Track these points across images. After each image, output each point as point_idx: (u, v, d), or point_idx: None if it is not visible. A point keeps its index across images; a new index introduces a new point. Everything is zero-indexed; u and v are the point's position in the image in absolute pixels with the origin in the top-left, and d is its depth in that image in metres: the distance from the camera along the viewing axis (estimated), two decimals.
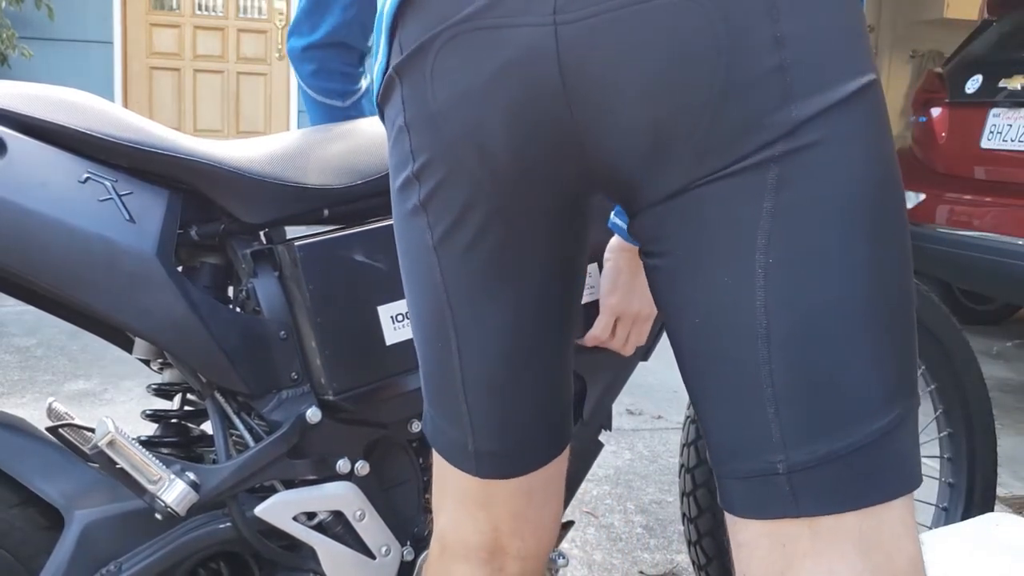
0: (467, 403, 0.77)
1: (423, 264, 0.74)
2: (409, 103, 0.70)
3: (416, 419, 1.18)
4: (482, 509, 0.82)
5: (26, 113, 0.95)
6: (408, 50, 0.68)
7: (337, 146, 1.18)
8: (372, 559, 1.11)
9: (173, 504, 0.95)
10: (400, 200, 0.75)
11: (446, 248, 0.72)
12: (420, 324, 0.78)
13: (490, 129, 0.66)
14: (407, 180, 0.72)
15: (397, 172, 0.74)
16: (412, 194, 0.72)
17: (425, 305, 0.76)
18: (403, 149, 0.72)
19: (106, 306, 0.94)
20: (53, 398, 1.13)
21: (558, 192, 0.71)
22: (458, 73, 0.66)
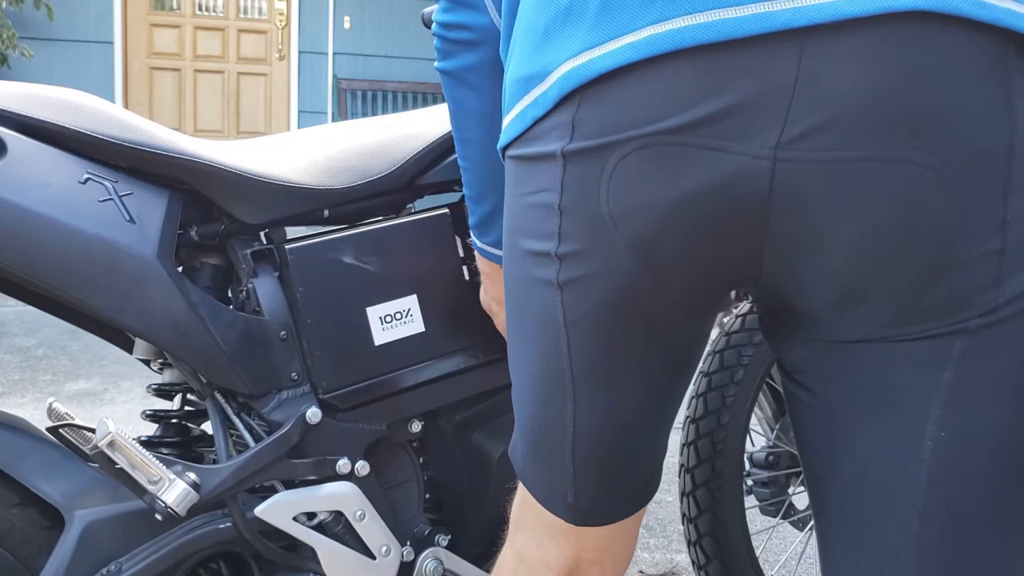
0: (574, 465, 0.76)
1: (548, 334, 0.72)
2: (571, 190, 0.65)
3: (416, 419, 1.18)
4: (569, 541, 0.82)
5: (26, 114, 0.95)
6: (586, 141, 0.63)
7: (337, 147, 1.18)
8: (372, 559, 1.11)
9: (173, 504, 0.95)
10: (527, 263, 0.71)
11: (579, 330, 0.69)
12: (533, 383, 0.76)
13: (665, 246, 0.63)
14: (545, 254, 0.69)
15: (527, 237, 0.70)
16: (548, 268, 0.69)
17: (543, 368, 0.74)
18: (545, 225, 0.68)
19: (106, 306, 0.94)
20: (53, 398, 1.13)
21: (709, 298, 0.69)
22: (645, 185, 0.61)
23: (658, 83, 0.59)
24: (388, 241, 1.12)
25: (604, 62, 0.60)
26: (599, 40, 0.61)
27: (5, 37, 5.32)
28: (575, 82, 0.62)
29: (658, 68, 0.59)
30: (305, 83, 6.79)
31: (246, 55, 6.74)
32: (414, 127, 1.22)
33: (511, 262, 0.74)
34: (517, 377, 0.79)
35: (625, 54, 0.59)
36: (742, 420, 1.61)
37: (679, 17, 0.57)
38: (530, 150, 0.68)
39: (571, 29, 0.63)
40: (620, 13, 0.60)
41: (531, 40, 0.67)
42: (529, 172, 0.68)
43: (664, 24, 0.58)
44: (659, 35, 0.58)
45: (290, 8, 6.68)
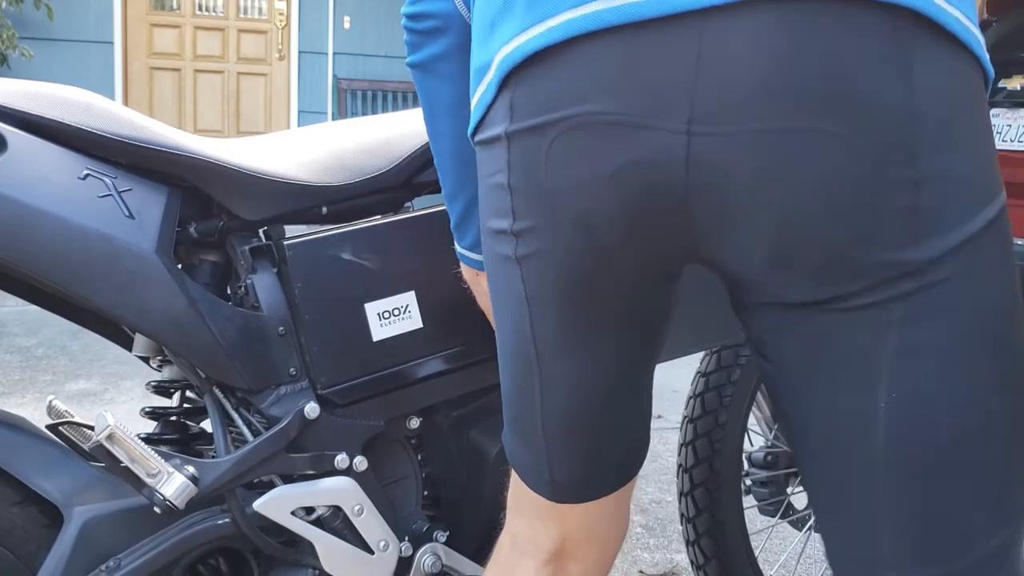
0: (545, 439, 0.79)
1: (515, 309, 0.75)
2: (516, 169, 0.69)
3: (414, 416, 1.18)
4: (555, 522, 0.85)
5: (26, 110, 0.95)
6: (523, 122, 0.67)
7: (336, 144, 1.19)
8: (370, 554, 1.11)
9: (172, 497, 0.96)
10: (493, 242, 0.75)
11: (537, 302, 0.73)
12: (506, 359, 0.80)
13: (602, 217, 0.66)
14: (503, 231, 0.72)
15: (491, 216, 0.74)
16: (507, 245, 0.73)
17: (512, 344, 0.78)
18: (502, 204, 0.71)
19: (106, 302, 0.95)
20: (53, 396, 1.13)
21: (658, 269, 0.71)
22: (577, 161, 0.65)
23: (580, 64, 0.63)
24: (386, 238, 1.12)
25: (529, 45, 0.65)
26: (527, 25, 0.65)
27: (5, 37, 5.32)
28: (508, 66, 0.66)
29: (578, 50, 0.62)
30: (305, 83, 6.79)
31: (246, 55, 6.74)
32: (412, 125, 1.22)
33: (484, 243, 0.78)
34: (500, 358, 0.82)
35: (546, 36, 0.63)
36: (740, 420, 1.61)
37: (594, 2, 0.61)
38: (485, 134, 0.72)
39: (508, 19, 0.67)
40: (545, 1, 0.64)
41: (481, 32, 0.71)
42: (486, 155, 0.72)
43: (580, 8, 0.62)
44: (575, 18, 0.62)
45: (290, 8, 6.68)
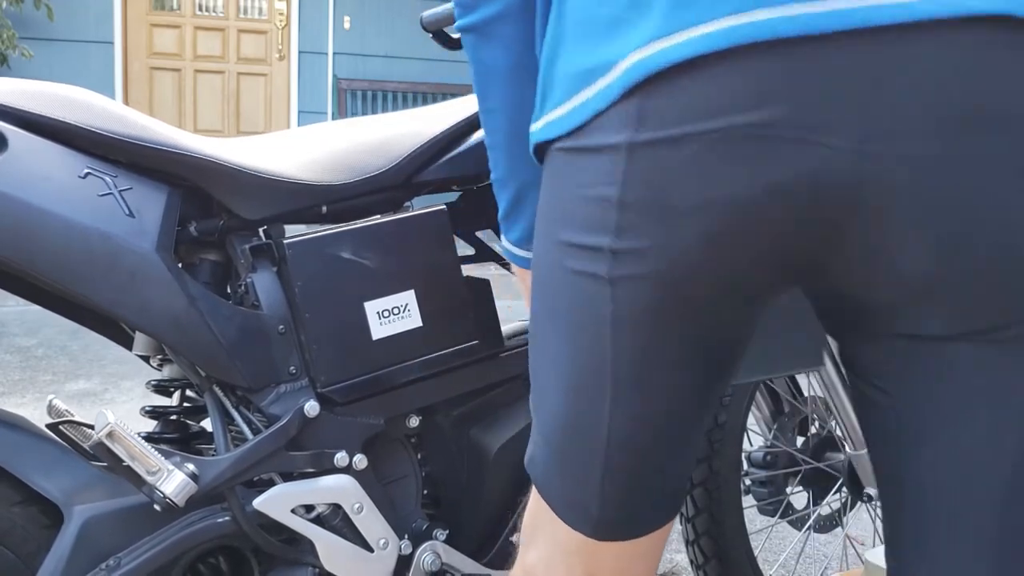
0: (604, 469, 0.73)
1: (588, 331, 0.69)
2: (635, 184, 0.62)
3: (414, 414, 1.18)
4: (585, 561, 0.78)
5: (27, 109, 0.95)
6: (655, 133, 0.61)
7: (336, 144, 1.19)
8: (370, 552, 1.11)
9: (172, 495, 0.96)
10: (567, 256, 0.69)
11: (627, 327, 0.67)
12: (564, 383, 0.73)
13: (740, 241, 0.61)
14: (594, 248, 0.66)
15: (575, 230, 0.68)
16: (595, 262, 0.66)
17: (575, 369, 0.71)
18: (599, 219, 0.65)
19: (106, 300, 0.95)
20: (53, 396, 1.14)
21: (771, 293, 0.68)
22: (724, 178, 0.59)
23: (738, 73, 0.58)
24: (386, 237, 1.12)
25: (678, 52, 0.59)
26: (672, 29, 0.59)
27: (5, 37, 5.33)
28: (644, 72, 0.60)
29: (735, 58, 0.57)
30: (305, 83, 6.80)
31: (246, 55, 6.75)
32: (412, 124, 1.23)
33: (546, 255, 0.72)
34: (543, 378, 0.75)
35: (701, 43, 0.58)
36: (740, 420, 1.61)
37: (761, 9, 0.57)
38: (584, 142, 0.65)
39: (639, 19, 0.61)
40: (695, 2, 0.59)
41: (591, 33, 0.65)
42: (581, 164, 0.66)
43: (744, 15, 0.57)
44: (739, 26, 0.57)
45: (290, 8, 6.69)
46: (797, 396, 1.71)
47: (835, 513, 1.74)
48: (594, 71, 0.64)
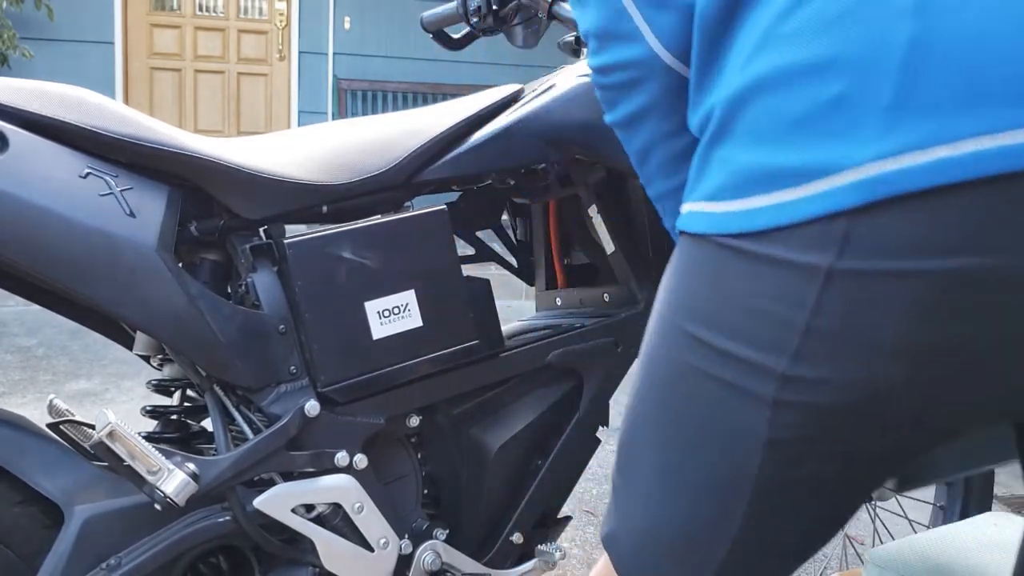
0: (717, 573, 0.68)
1: (733, 448, 0.63)
2: (830, 312, 0.56)
3: (414, 414, 1.19)
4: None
5: (28, 109, 0.96)
6: (867, 262, 0.53)
7: (336, 144, 1.19)
8: (370, 552, 1.12)
9: (172, 494, 0.96)
10: (720, 363, 0.62)
11: (784, 452, 0.61)
12: (687, 490, 0.67)
13: (939, 385, 0.55)
14: (762, 367, 0.60)
15: (737, 341, 0.61)
16: (760, 381, 0.60)
17: (710, 476, 0.65)
18: (777, 338, 0.58)
19: (107, 300, 0.95)
20: (54, 396, 1.14)
21: (954, 433, 0.62)
22: (938, 324, 0.53)
23: (983, 207, 0.49)
24: (386, 236, 1.12)
25: (911, 180, 0.51)
26: (898, 148, 0.51)
27: (5, 37, 5.33)
28: (863, 198, 0.52)
29: (984, 189, 0.49)
30: (305, 83, 6.80)
31: (246, 55, 6.75)
32: (413, 124, 1.23)
33: (675, 347, 0.66)
34: (646, 468, 0.70)
35: (943, 172, 0.50)
36: None
37: (1017, 130, 0.48)
38: (764, 250, 0.58)
39: (847, 126, 0.53)
40: (928, 115, 0.50)
41: (776, 125, 0.57)
42: (756, 272, 0.59)
43: (998, 137, 0.49)
44: (991, 151, 0.48)
45: (290, 8, 6.69)
46: None
47: None
48: (785, 174, 0.56)
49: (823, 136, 0.54)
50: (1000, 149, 0.49)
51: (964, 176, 0.49)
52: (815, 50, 0.55)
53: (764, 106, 0.58)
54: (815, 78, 0.55)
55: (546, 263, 1.49)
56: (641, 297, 1.33)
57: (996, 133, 0.49)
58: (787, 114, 0.56)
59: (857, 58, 0.53)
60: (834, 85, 0.54)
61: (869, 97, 0.52)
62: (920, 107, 0.51)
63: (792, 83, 0.56)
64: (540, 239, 1.49)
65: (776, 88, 0.57)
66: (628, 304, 1.35)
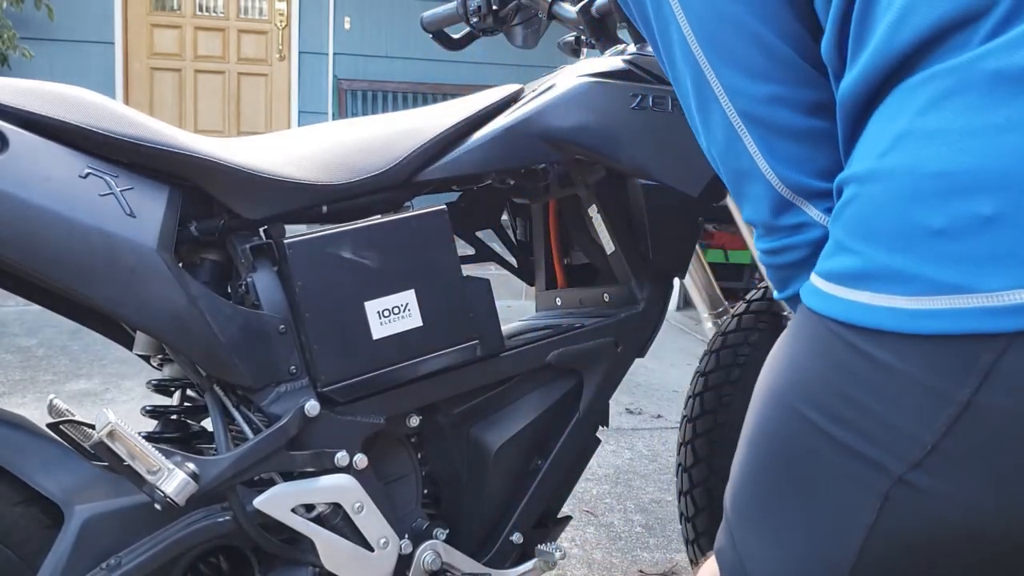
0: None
1: (839, 526, 0.63)
2: (960, 440, 0.54)
3: (414, 414, 1.19)
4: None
5: (27, 109, 0.96)
6: (1011, 397, 0.52)
7: (336, 144, 1.19)
8: (370, 551, 1.12)
9: (172, 494, 0.96)
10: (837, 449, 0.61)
11: (886, 541, 0.61)
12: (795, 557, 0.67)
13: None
14: (880, 464, 0.58)
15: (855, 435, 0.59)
16: (876, 476, 0.59)
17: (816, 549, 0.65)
18: (900, 448, 0.57)
19: (107, 300, 0.95)
20: (54, 396, 1.14)
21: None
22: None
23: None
24: (386, 236, 1.12)
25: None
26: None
27: (5, 37, 5.33)
28: (1002, 327, 0.50)
29: None
30: (305, 83, 6.80)
31: (246, 55, 6.75)
32: (413, 124, 1.23)
33: (799, 431, 0.64)
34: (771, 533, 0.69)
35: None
36: (739, 419, 1.62)
37: None
38: (889, 359, 0.56)
39: (998, 248, 0.50)
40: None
41: (901, 234, 0.54)
42: (879, 377, 0.57)
43: None
44: None
45: (290, 8, 6.69)
46: None
47: None
48: (913, 282, 0.54)
49: (968, 256, 0.51)
50: None
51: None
52: (963, 158, 0.52)
53: (892, 201, 0.55)
54: (962, 191, 0.51)
55: (546, 263, 1.49)
56: (641, 297, 1.33)
57: None
58: (925, 223, 0.53)
59: (1016, 175, 0.50)
60: (986, 203, 0.50)
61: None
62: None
63: (936, 189, 0.53)
64: (540, 239, 1.49)
65: (910, 188, 0.54)
66: (628, 304, 1.35)
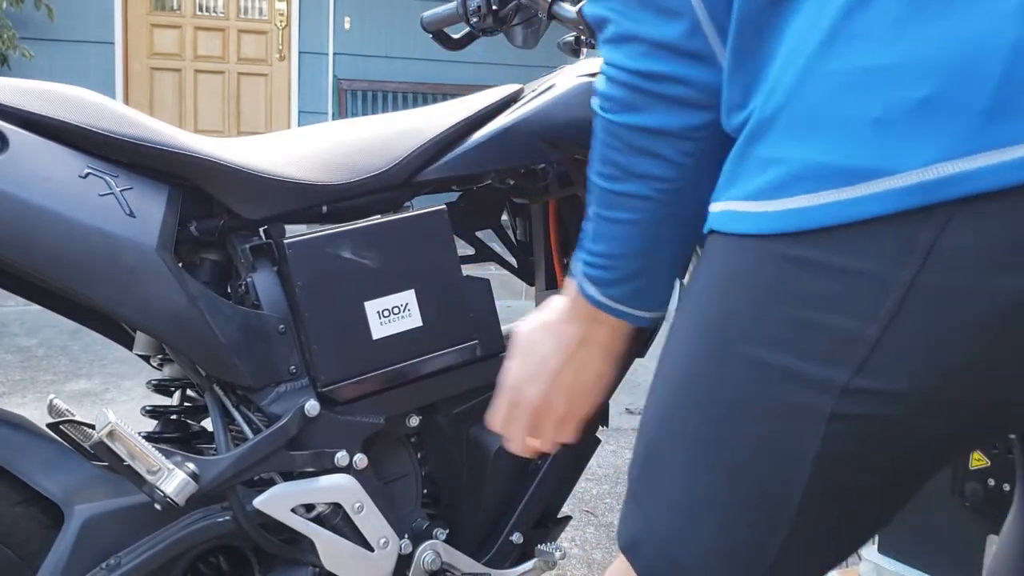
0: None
1: (779, 459, 0.61)
2: (905, 329, 0.53)
3: (414, 414, 1.19)
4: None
5: (28, 109, 0.96)
6: (954, 277, 0.51)
7: (336, 144, 1.19)
8: (370, 551, 1.12)
9: (172, 494, 0.96)
10: (761, 374, 0.60)
11: (832, 466, 0.59)
12: (723, 508, 0.65)
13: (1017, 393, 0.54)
14: (821, 380, 0.57)
15: (789, 354, 0.58)
16: (817, 395, 0.57)
17: (760, 494, 0.63)
18: (840, 351, 0.55)
19: (106, 300, 0.95)
20: (54, 396, 1.14)
21: None
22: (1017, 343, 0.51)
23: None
24: (386, 236, 1.12)
25: (998, 176, 0.49)
26: (994, 143, 0.49)
27: (5, 37, 5.33)
28: (940, 197, 0.50)
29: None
30: (305, 83, 6.80)
31: (246, 55, 6.75)
32: (413, 124, 1.23)
33: (731, 371, 0.62)
34: (692, 493, 0.66)
35: None
36: None
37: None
38: (827, 257, 0.55)
39: (937, 126, 0.51)
40: None
41: (847, 128, 0.54)
42: (811, 281, 0.56)
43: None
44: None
45: (290, 8, 6.69)
46: None
47: None
48: (854, 172, 0.53)
49: (906, 136, 0.51)
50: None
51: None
52: (898, 51, 0.52)
53: (833, 104, 0.54)
54: (899, 80, 0.52)
55: (546, 263, 1.49)
56: None
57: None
58: (862, 114, 0.53)
59: (951, 61, 0.50)
60: (922, 88, 0.51)
61: (964, 101, 0.50)
62: (1018, 110, 0.49)
63: (870, 83, 0.53)
64: (540, 239, 1.49)
65: (848, 87, 0.54)
66: None
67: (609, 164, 0.72)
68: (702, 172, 0.70)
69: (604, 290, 0.77)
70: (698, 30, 0.65)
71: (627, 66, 0.67)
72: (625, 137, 0.70)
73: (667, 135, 0.68)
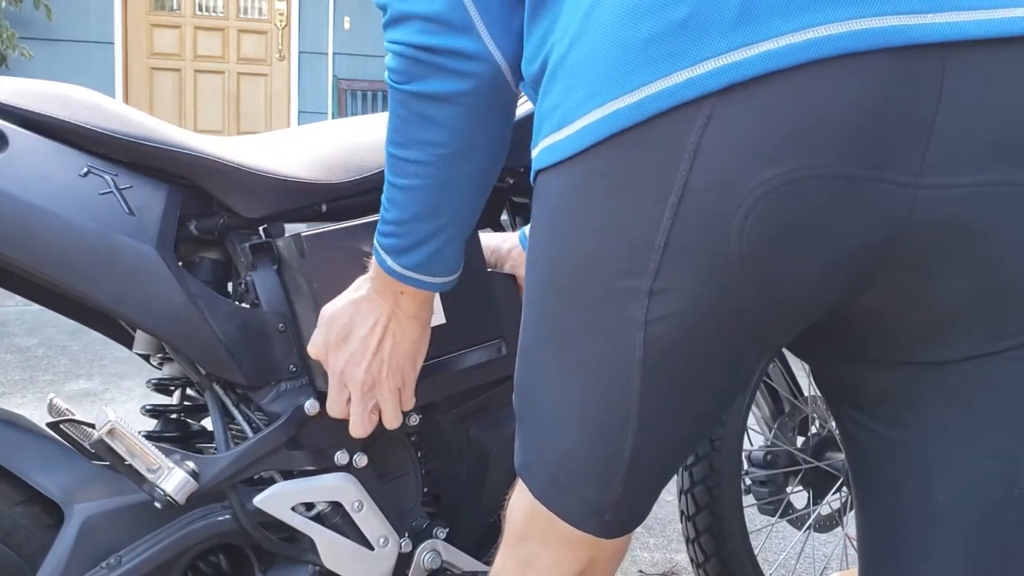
0: (624, 484, 0.72)
1: (613, 371, 0.67)
2: (684, 228, 0.59)
3: (414, 413, 1.18)
4: (588, 548, 0.78)
5: (27, 108, 0.96)
6: (715, 173, 0.56)
7: (335, 142, 1.19)
8: (370, 550, 1.12)
9: (172, 493, 0.96)
10: (589, 298, 0.66)
11: (658, 365, 0.65)
12: (580, 420, 0.72)
13: (795, 284, 0.59)
14: (630, 290, 0.63)
15: (600, 272, 0.64)
16: (629, 303, 0.63)
17: (598, 406, 0.70)
18: (637, 260, 0.61)
19: (106, 299, 0.95)
20: (54, 395, 1.14)
21: (809, 319, 0.66)
22: (792, 226, 0.56)
23: (806, 100, 0.54)
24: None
25: (743, 69, 0.54)
26: (733, 45, 0.55)
27: (5, 37, 5.33)
28: (700, 91, 0.56)
29: (806, 80, 0.54)
30: (305, 83, 6.81)
31: (246, 55, 6.75)
32: None
33: (555, 300, 0.69)
34: (546, 402, 0.75)
35: (771, 60, 0.54)
36: (740, 418, 1.61)
37: (834, 23, 0.53)
38: (619, 168, 0.61)
39: (693, 40, 0.56)
40: (765, 20, 0.54)
41: (623, 50, 0.59)
42: (612, 196, 0.61)
43: (816, 29, 0.53)
44: (813, 40, 0.53)
45: (290, 8, 6.69)
46: (797, 395, 1.71)
47: (835, 513, 1.74)
48: (629, 82, 0.59)
49: (667, 52, 0.57)
50: (820, 40, 0.53)
51: (789, 62, 0.53)
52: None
53: (610, 34, 0.60)
54: (662, 6, 0.57)
55: None
56: None
57: (815, 27, 0.53)
58: (630, 39, 0.58)
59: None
60: (681, 10, 0.57)
61: (715, 14, 0.56)
62: (760, 13, 0.55)
63: (637, 12, 0.58)
64: None
65: (621, 19, 0.59)
66: None
67: (397, 131, 0.82)
68: (474, 139, 0.81)
69: (396, 258, 0.88)
70: (458, 3, 0.74)
71: (407, 41, 0.77)
72: (410, 105, 0.79)
73: (441, 100, 0.78)
